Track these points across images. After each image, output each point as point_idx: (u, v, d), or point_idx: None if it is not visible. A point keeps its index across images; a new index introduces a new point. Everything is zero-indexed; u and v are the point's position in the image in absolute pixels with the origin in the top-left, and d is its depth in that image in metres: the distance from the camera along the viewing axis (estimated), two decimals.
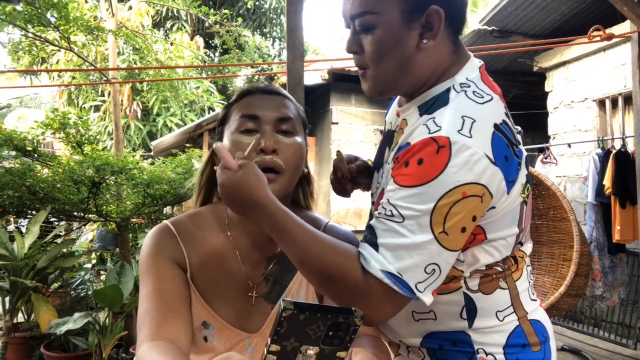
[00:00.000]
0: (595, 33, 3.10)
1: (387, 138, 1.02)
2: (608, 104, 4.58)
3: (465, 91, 0.84)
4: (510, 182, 0.81)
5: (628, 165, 3.69)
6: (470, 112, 0.80)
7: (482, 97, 0.84)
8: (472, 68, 0.90)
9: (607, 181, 3.83)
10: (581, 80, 4.82)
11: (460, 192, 0.75)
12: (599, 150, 4.17)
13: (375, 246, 0.77)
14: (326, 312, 0.58)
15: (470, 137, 0.76)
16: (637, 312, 4.21)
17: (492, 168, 0.77)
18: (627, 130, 4.30)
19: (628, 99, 4.25)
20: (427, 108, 0.86)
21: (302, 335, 0.58)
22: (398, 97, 1.03)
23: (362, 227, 1.30)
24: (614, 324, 4.36)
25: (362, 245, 0.80)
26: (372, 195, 1.04)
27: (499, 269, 0.89)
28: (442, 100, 0.84)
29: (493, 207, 0.81)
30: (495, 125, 0.80)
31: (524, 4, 4.55)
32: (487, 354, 0.88)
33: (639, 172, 3.23)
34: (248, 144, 0.92)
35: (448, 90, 0.85)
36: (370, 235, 0.79)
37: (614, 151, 3.89)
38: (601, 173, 3.97)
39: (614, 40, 3.66)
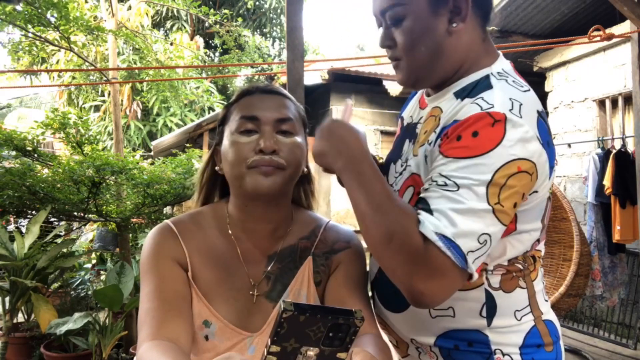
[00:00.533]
0: (595, 33, 3.10)
1: (407, 131, 1.02)
2: (608, 104, 4.58)
3: (506, 79, 0.86)
4: (551, 168, 0.83)
5: (628, 165, 3.69)
6: (517, 96, 0.81)
7: (522, 86, 0.86)
8: (504, 62, 0.92)
9: (607, 181, 3.84)
10: (581, 80, 4.82)
11: (516, 165, 0.75)
12: (599, 150, 4.17)
13: (429, 211, 0.76)
14: (326, 313, 0.58)
15: (521, 117, 0.77)
16: (637, 312, 4.22)
17: (541, 149, 0.78)
18: (627, 130, 4.31)
19: (628, 99, 4.25)
20: (468, 92, 0.86)
21: (303, 336, 0.58)
22: (421, 92, 1.04)
23: None
24: (614, 324, 4.37)
25: (419, 213, 0.78)
26: (391, 186, 1.02)
27: (520, 266, 0.89)
28: (483, 84, 0.85)
29: (536, 191, 0.82)
30: (538, 112, 0.83)
31: (524, 4, 4.55)
32: (504, 355, 0.88)
33: (639, 172, 3.23)
34: (247, 144, 0.92)
35: (487, 77, 0.86)
36: (423, 205, 0.78)
37: (614, 151, 3.89)
38: (601, 173, 3.97)
39: (614, 40, 3.67)
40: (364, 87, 6.88)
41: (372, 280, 1.03)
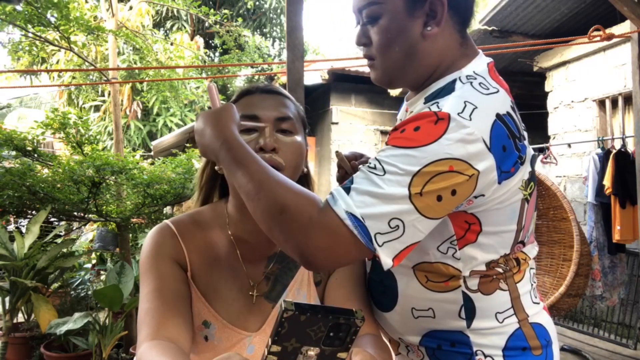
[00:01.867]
0: (595, 33, 3.10)
1: None
2: (608, 104, 4.58)
3: (471, 82, 0.84)
4: (504, 173, 0.80)
5: (628, 165, 3.69)
6: (473, 99, 0.80)
7: (488, 89, 0.84)
8: (480, 63, 0.90)
9: (607, 181, 3.84)
10: (581, 80, 4.82)
11: (448, 164, 0.74)
12: (599, 150, 4.17)
13: (348, 190, 0.76)
14: (327, 312, 0.58)
15: (470, 120, 0.76)
16: (637, 312, 4.22)
17: (486, 153, 0.76)
18: (627, 130, 4.31)
19: (628, 99, 4.25)
20: (432, 97, 0.86)
21: (303, 335, 0.58)
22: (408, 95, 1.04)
23: None
24: (614, 324, 4.37)
25: (336, 188, 0.79)
26: None
27: (500, 270, 0.88)
28: (447, 90, 0.85)
29: (482, 195, 0.80)
30: (498, 115, 0.80)
31: (524, 4, 4.55)
32: (485, 356, 0.88)
33: (639, 172, 3.23)
34: (248, 142, 0.92)
35: (454, 82, 0.86)
36: (347, 181, 0.78)
37: (614, 151, 3.89)
38: (601, 173, 3.97)
39: (614, 40, 3.66)
40: (364, 87, 6.88)
41: (368, 279, 1.03)
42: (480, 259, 0.86)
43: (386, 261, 0.75)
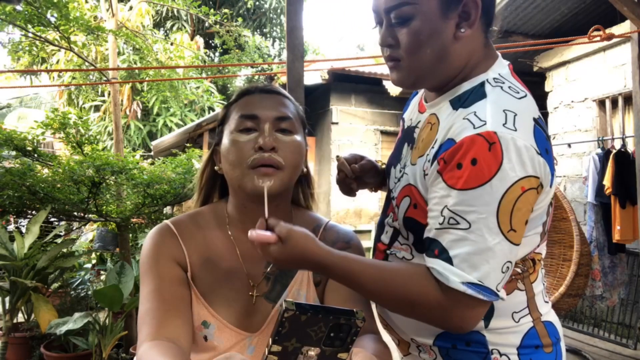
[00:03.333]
0: (595, 33, 3.10)
1: (406, 135, 1.02)
2: (608, 104, 4.58)
3: (501, 86, 0.84)
4: (552, 174, 0.82)
5: (628, 165, 3.69)
6: (511, 106, 0.80)
7: (518, 92, 0.85)
8: (502, 65, 0.91)
9: (607, 181, 3.83)
10: (581, 80, 4.82)
11: (520, 187, 0.75)
12: (599, 150, 4.17)
13: (449, 260, 0.77)
14: (328, 313, 0.58)
15: (515, 130, 0.77)
16: (637, 312, 4.21)
17: (540, 159, 0.78)
18: (627, 130, 4.30)
19: (628, 99, 4.25)
20: (462, 102, 0.85)
21: (304, 335, 0.58)
22: (422, 93, 1.03)
23: (362, 227, 1.31)
24: (614, 324, 4.36)
25: (432, 261, 0.79)
26: (390, 191, 1.02)
27: (519, 270, 0.89)
28: (477, 93, 0.84)
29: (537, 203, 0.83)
30: (534, 119, 0.82)
31: (524, 4, 4.55)
32: (501, 355, 0.89)
33: (639, 172, 3.23)
34: (247, 142, 0.92)
35: (482, 85, 0.86)
36: (439, 250, 0.78)
37: (614, 151, 3.88)
38: (601, 173, 3.97)
39: (614, 40, 3.66)
40: (364, 87, 6.88)
41: None
42: None
43: (504, 297, 0.80)
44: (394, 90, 6.31)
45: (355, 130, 6.92)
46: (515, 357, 0.88)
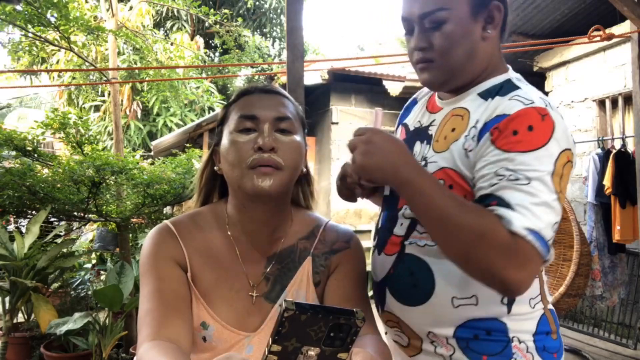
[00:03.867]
0: (595, 33, 3.10)
1: (417, 134, 1.06)
2: (608, 104, 4.58)
3: (526, 84, 0.95)
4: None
5: (628, 165, 3.69)
6: (542, 95, 0.90)
7: (536, 91, 0.94)
8: (513, 72, 1.01)
9: (607, 181, 3.83)
10: (581, 80, 4.82)
11: (566, 156, 0.84)
12: (599, 150, 4.17)
13: (510, 207, 0.80)
14: (328, 312, 0.58)
15: (554, 111, 0.87)
16: (637, 312, 4.21)
17: (571, 136, 0.88)
18: (627, 130, 4.30)
19: (628, 99, 4.24)
20: (495, 93, 0.94)
21: (304, 335, 0.58)
22: (425, 99, 1.11)
23: (362, 227, 1.31)
24: (614, 324, 4.36)
25: (495, 209, 0.81)
26: None
27: None
28: (509, 85, 0.94)
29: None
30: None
31: (524, 4, 4.55)
32: (520, 342, 0.92)
33: (639, 172, 3.23)
34: (246, 142, 0.92)
35: (509, 81, 0.96)
36: (497, 202, 0.81)
37: (614, 151, 3.88)
38: (601, 173, 3.97)
39: (614, 40, 3.66)
40: (364, 87, 6.87)
41: (382, 278, 1.02)
42: None
43: (550, 261, 0.83)
44: (394, 90, 6.31)
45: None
46: (531, 343, 0.92)
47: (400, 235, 0.99)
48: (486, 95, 0.95)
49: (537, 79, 5.36)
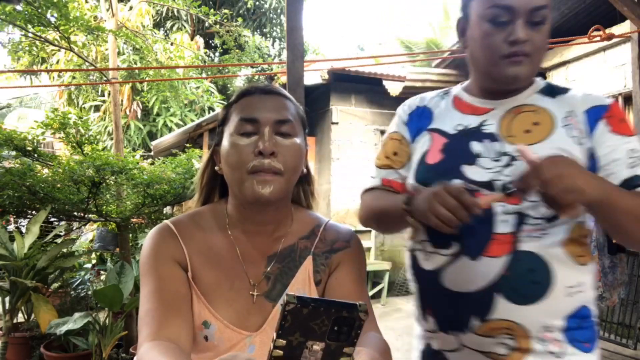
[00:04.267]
0: (595, 33, 3.10)
1: (468, 134, 1.06)
2: None
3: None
4: None
5: None
6: None
7: None
8: None
9: None
10: (581, 80, 4.82)
11: None
12: None
13: None
14: (330, 306, 0.58)
15: None
16: (637, 312, 4.21)
17: None
18: None
19: (628, 99, 4.25)
20: (554, 91, 1.08)
21: (307, 329, 0.58)
22: (457, 99, 1.14)
23: (362, 227, 1.30)
24: (614, 324, 4.36)
25: None
26: (488, 184, 0.99)
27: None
28: (559, 86, 1.10)
29: None
30: None
31: None
32: (595, 326, 1.01)
33: None
34: (247, 146, 0.92)
35: (549, 83, 1.11)
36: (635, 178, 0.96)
37: None
38: None
39: (614, 40, 3.66)
40: (364, 87, 6.87)
41: (489, 284, 0.96)
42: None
43: None
44: (394, 90, 6.31)
45: (355, 130, 6.92)
46: (594, 326, 1.01)
47: (507, 233, 0.96)
48: (547, 92, 1.07)
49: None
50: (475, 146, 1.04)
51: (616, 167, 0.97)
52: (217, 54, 12.44)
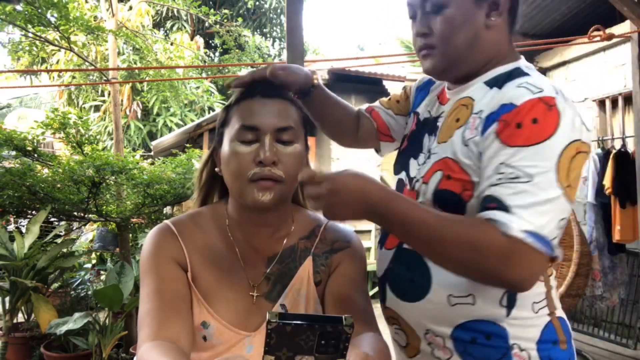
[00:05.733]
0: (595, 33, 3.10)
1: (426, 125, 1.04)
2: (608, 104, 4.57)
3: (536, 72, 0.90)
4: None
5: (628, 166, 3.69)
6: (554, 83, 0.86)
7: (547, 80, 0.90)
8: (527, 62, 0.96)
9: (607, 181, 3.83)
10: (581, 80, 4.82)
11: (575, 148, 0.79)
12: (599, 150, 4.17)
13: (508, 210, 0.76)
14: (313, 321, 0.58)
15: (566, 101, 0.82)
16: (637, 312, 4.21)
17: (585, 129, 0.83)
18: (627, 130, 4.30)
19: (628, 99, 4.24)
20: (503, 81, 0.90)
21: (294, 345, 0.58)
22: (439, 88, 1.07)
23: (362, 227, 1.31)
24: (614, 324, 4.36)
25: (491, 213, 0.78)
26: (410, 180, 1.01)
27: None
28: (517, 73, 0.90)
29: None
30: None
31: (524, 4, 4.54)
32: (521, 350, 0.87)
33: (639, 172, 3.23)
34: (247, 154, 0.91)
35: (518, 69, 0.92)
36: (497, 204, 0.78)
37: (614, 151, 3.88)
38: (601, 173, 3.97)
39: (614, 40, 3.66)
40: (364, 87, 6.87)
41: (382, 273, 1.01)
42: None
43: (560, 258, 0.80)
44: (394, 90, 6.30)
45: None
46: (534, 352, 0.87)
47: None
48: (493, 83, 0.91)
49: None
50: (425, 139, 1.01)
51: (483, 183, 0.82)
52: (217, 54, 12.44)
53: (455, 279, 0.87)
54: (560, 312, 0.94)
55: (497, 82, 0.90)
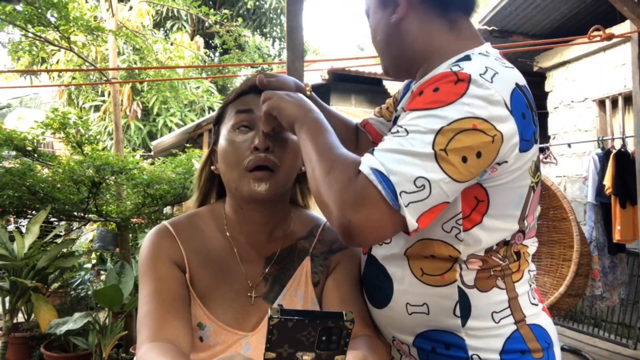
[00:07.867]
0: (595, 33, 3.10)
1: (394, 121, 1.06)
2: (608, 104, 4.58)
3: (488, 57, 0.85)
4: (524, 141, 0.79)
5: (628, 165, 3.69)
6: (494, 66, 0.80)
7: (505, 64, 0.84)
8: (489, 48, 0.91)
9: (607, 181, 3.83)
10: (581, 80, 4.82)
11: (471, 123, 0.73)
12: (599, 150, 4.17)
13: (372, 151, 0.75)
14: (314, 317, 0.58)
15: (491, 82, 0.76)
16: (637, 312, 4.21)
17: (508, 116, 0.76)
18: (627, 130, 4.30)
19: (628, 99, 4.24)
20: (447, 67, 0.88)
21: (295, 341, 0.58)
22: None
23: None
24: (614, 324, 4.36)
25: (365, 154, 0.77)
26: None
27: (499, 261, 0.85)
28: (461, 58, 0.85)
29: (505, 162, 0.78)
30: (517, 85, 0.80)
31: (524, 4, 4.55)
32: None
33: (639, 172, 3.23)
34: (243, 142, 0.92)
35: (467, 56, 0.85)
36: (370, 151, 0.76)
37: (614, 151, 3.88)
38: (601, 173, 3.97)
39: (614, 40, 3.66)
40: (364, 87, 6.87)
41: (361, 277, 1.02)
42: (483, 243, 0.84)
43: (411, 222, 0.71)
44: (394, 90, 6.31)
45: None
46: None
47: None
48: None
49: (537, 79, 5.36)
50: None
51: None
52: (217, 54, 12.45)
53: (412, 287, 0.86)
54: (536, 319, 0.89)
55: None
